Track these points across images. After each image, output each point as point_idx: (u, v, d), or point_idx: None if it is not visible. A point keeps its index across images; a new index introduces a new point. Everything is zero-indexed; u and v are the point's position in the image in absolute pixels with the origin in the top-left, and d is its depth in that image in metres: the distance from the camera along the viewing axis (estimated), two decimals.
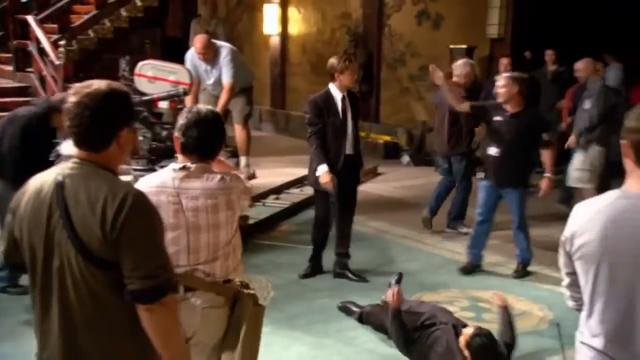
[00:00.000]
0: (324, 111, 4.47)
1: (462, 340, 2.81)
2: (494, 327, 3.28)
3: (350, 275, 4.60)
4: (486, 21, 7.80)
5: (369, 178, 7.61)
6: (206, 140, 2.26)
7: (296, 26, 10.83)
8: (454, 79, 5.47)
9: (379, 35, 9.16)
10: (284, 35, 10.93)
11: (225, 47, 6.42)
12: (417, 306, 3.33)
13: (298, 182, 7.21)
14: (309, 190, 6.85)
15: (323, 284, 4.57)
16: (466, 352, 2.79)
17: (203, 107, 2.42)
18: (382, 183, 7.53)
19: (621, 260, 1.65)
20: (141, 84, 6.26)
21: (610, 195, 1.68)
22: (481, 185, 4.60)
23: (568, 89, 6.77)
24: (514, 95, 4.47)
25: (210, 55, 6.26)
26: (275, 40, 10.90)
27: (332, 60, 4.46)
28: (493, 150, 4.49)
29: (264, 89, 11.11)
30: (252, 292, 2.47)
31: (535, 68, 7.49)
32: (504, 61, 7.05)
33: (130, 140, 1.70)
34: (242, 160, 6.75)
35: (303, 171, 7.47)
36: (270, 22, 10.67)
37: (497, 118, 4.57)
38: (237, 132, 6.49)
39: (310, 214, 6.10)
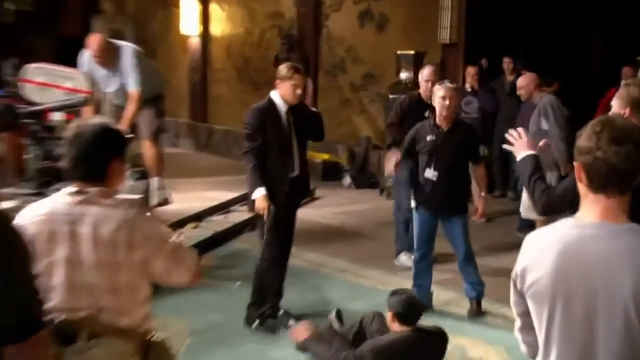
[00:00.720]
0: (267, 124, 4.49)
1: (388, 315, 3.31)
2: None
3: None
4: (437, 24, 7.85)
5: (303, 203, 7.45)
6: (84, 159, 2.30)
7: (220, 26, 10.70)
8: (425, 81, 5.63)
9: (315, 38, 9.20)
10: (205, 36, 10.75)
11: (127, 48, 6.23)
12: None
13: (222, 208, 7.25)
14: (235, 218, 7.04)
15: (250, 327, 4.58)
16: (389, 315, 3.26)
17: (86, 120, 2.50)
18: (320, 208, 7.47)
19: (574, 298, 1.74)
20: (29, 91, 6.03)
21: (563, 225, 1.76)
22: (415, 215, 4.62)
23: None
24: (454, 109, 4.59)
25: (109, 58, 6.05)
26: (194, 42, 10.74)
27: (281, 66, 4.60)
28: (429, 174, 4.51)
29: (181, 98, 10.96)
30: (165, 339, 2.57)
31: (492, 78, 7.73)
32: (471, 71, 7.12)
33: None
34: (154, 182, 6.60)
35: (227, 195, 7.65)
36: (189, 20, 10.50)
37: (430, 138, 4.57)
38: (146, 149, 6.34)
39: (235, 245, 6.39)
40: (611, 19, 8.67)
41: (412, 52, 7.68)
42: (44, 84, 6.14)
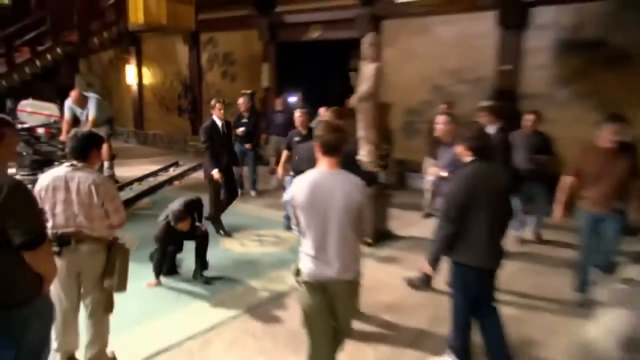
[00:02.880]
0: (212, 133, 5.78)
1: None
2: None
3: (221, 231, 6.05)
4: (260, 77, 11.21)
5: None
6: (77, 149, 2.95)
7: (148, 78, 14.07)
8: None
9: (199, 85, 12.60)
10: (140, 84, 14.05)
11: (92, 97, 7.67)
12: None
13: (153, 174, 9.33)
14: (161, 179, 8.99)
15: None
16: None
17: (80, 130, 3.09)
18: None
19: (317, 208, 2.52)
20: (23, 116, 7.24)
21: (311, 172, 2.56)
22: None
23: None
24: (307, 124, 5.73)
25: (82, 102, 7.51)
26: (134, 88, 14.04)
27: (212, 101, 5.88)
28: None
29: (129, 117, 14.52)
30: (121, 242, 3.14)
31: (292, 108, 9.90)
32: (322, 111, 7.02)
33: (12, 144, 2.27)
34: (105, 164, 8.08)
35: (157, 167, 9.89)
36: (130, 76, 13.90)
37: (296, 139, 5.77)
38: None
39: (161, 194, 8.01)
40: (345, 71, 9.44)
41: (249, 91, 10.36)
42: (32, 112, 7.37)
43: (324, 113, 6.51)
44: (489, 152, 3.16)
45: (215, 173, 5.73)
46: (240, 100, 7.98)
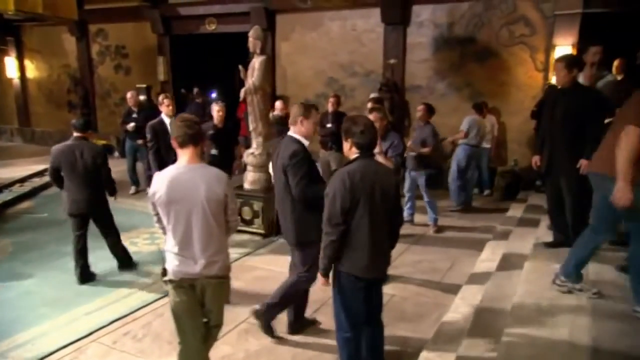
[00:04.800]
0: (161, 132, 5.45)
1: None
2: None
3: None
4: (156, 70, 10.94)
5: None
6: None
7: (32, 71, 13.17)
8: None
9: (91, 78, 12.11)
10: (23, 78, 13.26)
11: None
12: None
13: (39, 174, 8.84)
14: (46, 179, 8.09)
15: (50, 235, 5.61)
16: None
17: None
18: None
19: (178, 203, 2.48)
20: None
21: (172, 167, 2.52)
22: None
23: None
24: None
25: None
26: (16, 82, 13.31)
27: (160, 96, 5.65)
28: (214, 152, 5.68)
29: (12, 114, 13.50)
30: None
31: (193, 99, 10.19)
32: (278, 105, 7.57)
33: None
34: None
35: (41, 167, 8.88)
36: (10, 69, 13.05)
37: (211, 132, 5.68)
38: None
39: (45, 194, 7.72)
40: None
41: (144, 85, 10.47)
42: None
43: (280, 106, 6.78)
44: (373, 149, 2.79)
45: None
46: (129, 95, 7.70)
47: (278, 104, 7.37)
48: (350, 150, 2.74)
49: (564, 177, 3.91)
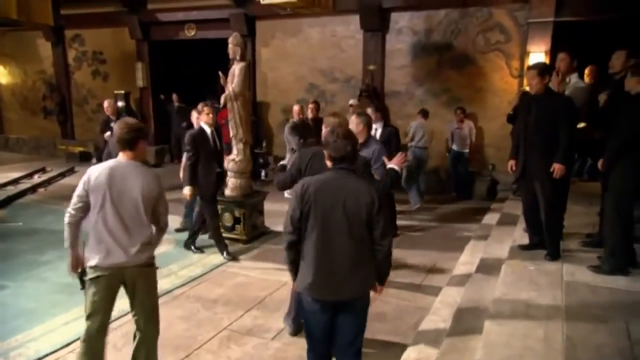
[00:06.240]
0: (201, 142, 5.08)
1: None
2: None
3: (193, 248, 5.56)
4: (135, 77, 10.95)
5: None
6: None
7: (5, 77, 12.95)
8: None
9: (67, 84, 11.97)
10: None
11: None
12: None
13: (14, 182, 8.78)
14: (22, 187, 8.36)
15: (25, 245, 5.57)
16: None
17: None
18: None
19: (116, 189, 2.61)
20: None
21: (110, 161, 2.66)
22: None
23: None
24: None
25: None
26: None
27: (199, 105, 5.27)
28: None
29: None
30: None
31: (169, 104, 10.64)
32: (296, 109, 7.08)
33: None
34: None
35: (17, 174, 9.25)
36: None
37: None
38: None
39: (20, 202, 7.58)
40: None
41: (123, 91, 10.66)
42: None
43: (297, 110, 6.65)
44: (351, 162, 2.53)
45: (187, 190, 5.03)
46: (106, 104, 7.40)
47: (296, 108, 6.91)
48: (327, 161, 2.56)
49: (538, 181, 4.01)
